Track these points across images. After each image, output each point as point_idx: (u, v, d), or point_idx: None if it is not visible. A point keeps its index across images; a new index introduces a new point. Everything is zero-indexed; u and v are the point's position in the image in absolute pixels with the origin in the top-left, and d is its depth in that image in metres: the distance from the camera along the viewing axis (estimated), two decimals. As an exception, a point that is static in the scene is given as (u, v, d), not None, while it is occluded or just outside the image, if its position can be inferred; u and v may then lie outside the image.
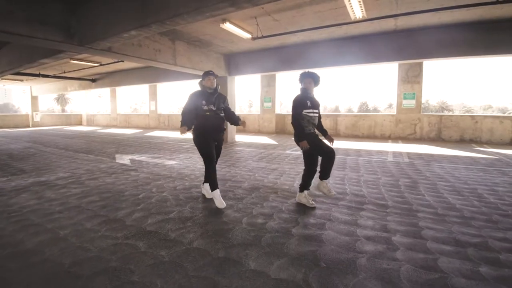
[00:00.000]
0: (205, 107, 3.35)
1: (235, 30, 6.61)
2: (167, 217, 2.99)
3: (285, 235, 2.53)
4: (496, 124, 9.53)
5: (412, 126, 10.82)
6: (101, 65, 12.06)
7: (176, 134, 13.48)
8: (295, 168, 5.57)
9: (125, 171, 5.31)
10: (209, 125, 3.37)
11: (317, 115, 3.35)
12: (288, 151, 7.78)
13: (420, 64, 10.47)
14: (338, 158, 6.88)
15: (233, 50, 9.45)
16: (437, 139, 10.43)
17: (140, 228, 2.71)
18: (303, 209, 3.21)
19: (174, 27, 4.40)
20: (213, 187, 3.35)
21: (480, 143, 9.63)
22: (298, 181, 4.50)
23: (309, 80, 3.35)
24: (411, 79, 10.67)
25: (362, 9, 5.32)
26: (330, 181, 4.59)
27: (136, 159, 6.67)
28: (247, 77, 11.44)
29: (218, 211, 3.15)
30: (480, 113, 44.27)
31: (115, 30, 4.88)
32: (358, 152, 7.93)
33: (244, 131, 14.65)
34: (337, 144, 9.58)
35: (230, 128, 10.07)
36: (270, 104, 14.02)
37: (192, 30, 7.11)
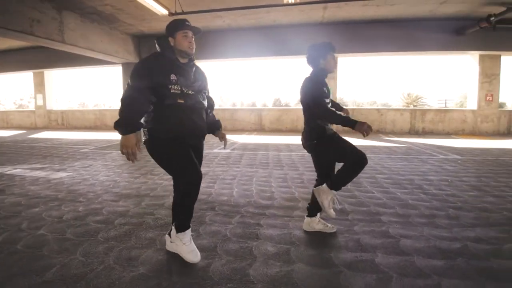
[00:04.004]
0: (176, 88, 1.76)
1: (147, 1, 5.24)
2: (39, 280, 1.73)
3: (242, 286, 1.69)
4: (398, 116, 10.84)
5: (329, 119, 11.44)
6: None
7: (72, 135, 10.78)
8: (228, 170, 4.77)
9: (-23, 195, 3.50)
10: (188, 122, 1.84)
11: (330, 104, 2.39)
12: (216, 150, 6.90)
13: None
14: (272, 154, 6.40)
15: (145, 31, 7.91)
16: (349, 131, 11.20)
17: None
18: (254, 231, 2.43)
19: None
20: (183, 226, 1.92)
21: (386, 133, 10.79)
22: (237, 189, 3.71)
23: (333, 55, 2.28)
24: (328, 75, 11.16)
25: (295, -9, 4.85)
26: (273, 183, 3.97)
27: (7, 173, 4.69)
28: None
29: (132, 256, 2.03)
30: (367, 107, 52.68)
31: None
32: (288, 147, 7.72)
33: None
34: (264, 139, 9.23)
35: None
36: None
37: (85, -3, 5.41)
